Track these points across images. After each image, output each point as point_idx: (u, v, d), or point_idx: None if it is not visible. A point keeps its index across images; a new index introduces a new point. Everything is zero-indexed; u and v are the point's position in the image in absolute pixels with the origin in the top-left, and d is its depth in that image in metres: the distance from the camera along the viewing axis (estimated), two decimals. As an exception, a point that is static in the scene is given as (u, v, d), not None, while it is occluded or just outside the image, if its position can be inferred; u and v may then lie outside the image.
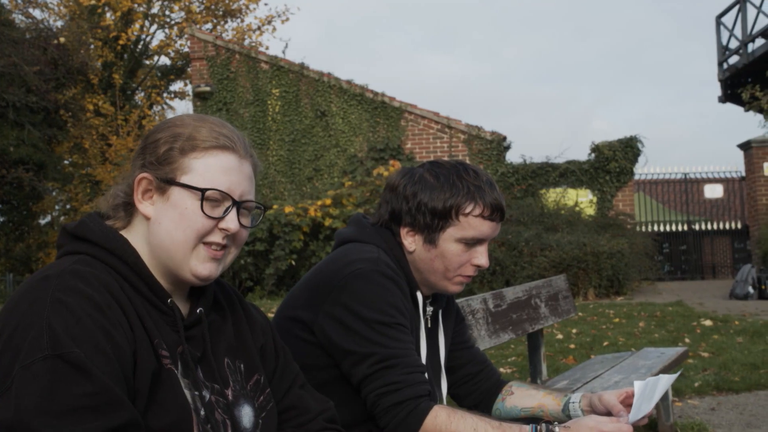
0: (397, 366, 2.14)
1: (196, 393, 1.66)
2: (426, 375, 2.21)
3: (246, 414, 1.77)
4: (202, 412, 1.64)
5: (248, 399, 1.79)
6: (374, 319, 2.16)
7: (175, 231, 1.67)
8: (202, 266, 1.70)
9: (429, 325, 2.46)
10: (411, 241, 2.35)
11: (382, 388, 2.13)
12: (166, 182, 1.68)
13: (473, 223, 2.28)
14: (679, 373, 2.27)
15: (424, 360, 2.36)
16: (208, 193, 1.67)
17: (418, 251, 2.34)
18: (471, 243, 2.31)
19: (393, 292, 2.22)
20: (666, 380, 2.20)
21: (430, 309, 2.46)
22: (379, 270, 2.23)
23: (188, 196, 1.67)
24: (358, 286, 2.20)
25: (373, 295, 2.19)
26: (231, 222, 1.70)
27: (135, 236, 1.72)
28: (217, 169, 1.69)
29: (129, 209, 1.74)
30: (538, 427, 2.07)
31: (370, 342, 2.15)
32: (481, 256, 2.33)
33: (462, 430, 2.08)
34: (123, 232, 1.72)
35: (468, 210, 2.27)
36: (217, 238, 1.70)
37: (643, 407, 2.14)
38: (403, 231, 2.35)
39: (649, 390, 2.16)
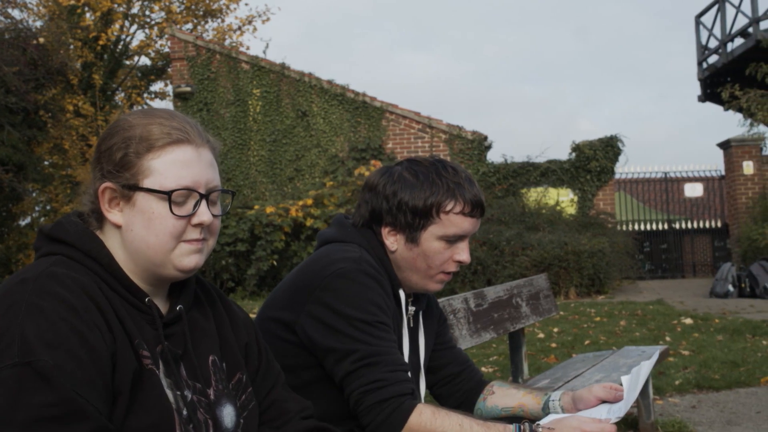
0: (379, 363, 2.14)
1: (178, 393, 1.65)
2: (408, 373, 2.21)
3: (228, 414, 1.76)
4: (185, 412, 1.64)
5: (230, 398, 1.79)
6: (356, 317, 2.16)
7: (147, 236, 1.66)
8: (187, 259, 1.69)
9: (411, 325, 2.46)
10: (393, 241, 2.35)
11: (365, 386, 2.12)
12: (129, 188, 1.66)
13: (454, 220, 2.29)
14: (657, 354, 2.34)
15: (406, 359, 2.36)
16: (174, 193, 1.65)
17: (400, 250, 2.34)
18: (452, 240, 2.32)
19: (376, 290, 2.23)
20: (647, 366, 2.25)
21: (412, 309, 2.46)
22: (361, 269, 2.23)
23: (154, 200, 1.65)
24: (341, 286, 2.20)
25: (356, 294, 2.19)
26: (204, 215, 1.69)
27: (108, 240, 1.70)
28: (177, 165, 1.67)
29: (99, 217, 1.72)
30: (522, 427, 2.07)
31: (353, 339, 2.15)
32: (463, 252, 2.35)
33: (447, 428, 2.08)
34: (98, 234, 1.71)
35: (449, 207, 2.28)
36: (194, 234, 1.69)
37: (630, 398, 2.18)
38: (385, 230, 2.35)
39: (634, 380, 2.21)
